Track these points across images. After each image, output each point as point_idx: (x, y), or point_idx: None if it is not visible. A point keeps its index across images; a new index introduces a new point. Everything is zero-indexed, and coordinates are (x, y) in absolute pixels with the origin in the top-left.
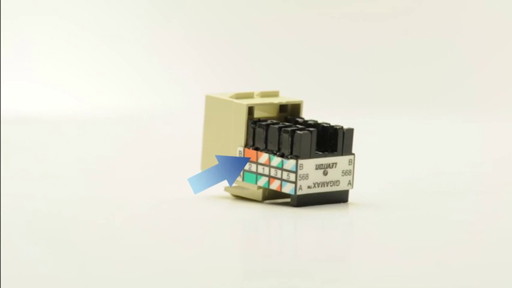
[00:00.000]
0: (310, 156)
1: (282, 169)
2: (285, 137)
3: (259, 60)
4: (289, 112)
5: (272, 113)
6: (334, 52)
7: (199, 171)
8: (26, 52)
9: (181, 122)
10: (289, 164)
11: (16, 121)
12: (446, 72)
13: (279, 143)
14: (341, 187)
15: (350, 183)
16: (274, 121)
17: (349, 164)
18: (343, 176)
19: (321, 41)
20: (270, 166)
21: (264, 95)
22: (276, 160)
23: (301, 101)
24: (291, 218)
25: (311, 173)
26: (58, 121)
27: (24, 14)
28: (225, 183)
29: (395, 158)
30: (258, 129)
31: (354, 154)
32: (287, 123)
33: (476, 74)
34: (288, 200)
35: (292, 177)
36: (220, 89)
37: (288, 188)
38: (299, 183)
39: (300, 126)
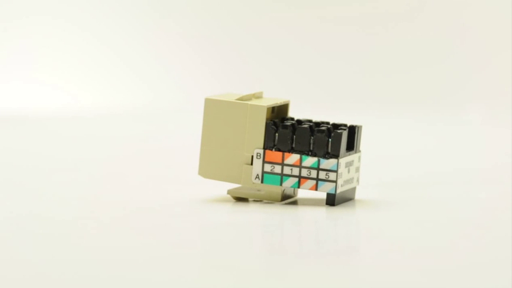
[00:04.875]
0: (344, 155)
1: (318, 169)
2: (320, 136)
3: (249, 61)
4: (276, 112)
5: (267, 114)
6: (325, 52)
7: (196, 175)
8: (24, 52)
9: (177, 122)
10: (329, 163)
11: (13, 120)
12: (446, 73)
13: (311, 143)
14: (353, 184)
15: (357, 180)
16: (292, 122)
17: (358, 161)
18: (355, 173)
19: (313, 41)
20: (301, 167)
21: (257, 96)
22: (310, 160)
23: (289, 101)
24: (317, 219)
25: (343, 171)
26: (58, 121)
27: (20, 13)
28: (229, 185)
29: (392, 155)
30: (282, 131)
31: (361, 151)
32: (309, 123)
33: (475, 75)
34: (293, 199)
35: (332, 176)
36: (211, 89)
37: (327, 188)
38: (338, 181)
39: (328, 126)
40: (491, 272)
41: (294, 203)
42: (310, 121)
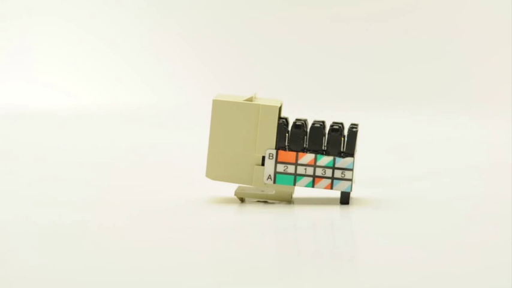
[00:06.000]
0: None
1: (334, 168)
2: (335, 135)
3: (250, 61)
4: None
5: None
6: (324, 52)
7: (203, 176)
8: (25, 52)
9: (179, 122)
10: (345, 161)
11: (14, 120)
12: (444, 72)
13: (325, 142)
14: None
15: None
16: (302, 122)
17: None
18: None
19: (314, 42)
20: (315, 166)
21: (255, 97)
22: (325, 159)
23: (282, 101)
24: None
25: (354, 170)
26: (60, 121)
27: (19, 13)
28: (232, 186)
29: (386, 154)
30: (294, 130)
31: (357, 150)
32: (319, 123)
33: (474, 74)
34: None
35: (348, 174)
36: (212, 90)
37: (342, 186)
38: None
39: (339, 125)
40: (496, 271)
41: (301, 202)
42: (305, 120)
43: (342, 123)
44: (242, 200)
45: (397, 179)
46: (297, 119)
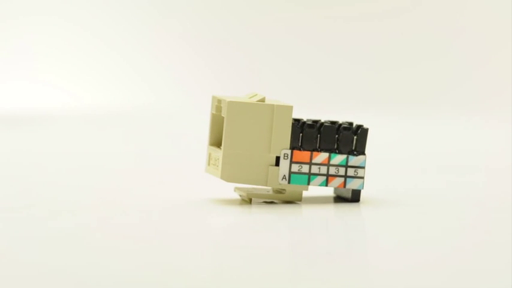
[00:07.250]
0: None
1: (347, 166)
2: (347, 134)
3: (250, 61)
4: None
5: None
6: (325, 52)
7: (204, 176)
8: (25, 52)
9: (178, 122)
10: (358, 160)
11: (14, 120)
12: (443, 72)
13: (336, 141)
14: None
15: None
16: (313, 121)
17: None
18: None
19: (314, 41)
20: (329, 165)
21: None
22: (339, 158)
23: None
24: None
25: None
26: (59, 121)
27: (19, 13)
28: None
29: (388, 155)
30: (308, 130)
31: None
32: (329, 122)
33: (473, 74)
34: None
35: (361, 172)
36: (212, 90)
37: (355, 184)
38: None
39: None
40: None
41: (307, 202)
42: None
43: (337, 122)
44: (250, 201)
45: (397, 179)
46: (294, 119)
